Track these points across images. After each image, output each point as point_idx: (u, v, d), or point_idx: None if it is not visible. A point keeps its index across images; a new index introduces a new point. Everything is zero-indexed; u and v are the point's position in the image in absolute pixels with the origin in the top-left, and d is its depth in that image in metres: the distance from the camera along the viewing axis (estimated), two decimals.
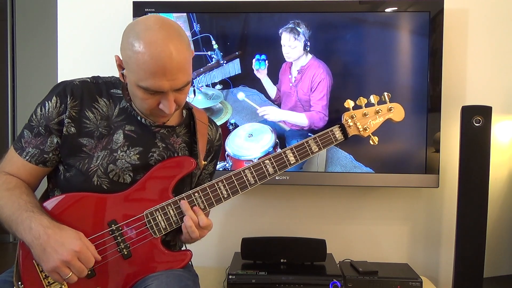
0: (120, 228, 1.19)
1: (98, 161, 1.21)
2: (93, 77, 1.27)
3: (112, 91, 1.26)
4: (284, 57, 2.01)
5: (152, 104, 1.15)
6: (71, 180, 1.21)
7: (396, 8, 2.00)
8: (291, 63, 2.02)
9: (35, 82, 3.58)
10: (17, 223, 1.10)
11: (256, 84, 2.03)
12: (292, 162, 1.28)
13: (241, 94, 2.04)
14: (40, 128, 1.20)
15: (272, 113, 2.04)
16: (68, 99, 1.20)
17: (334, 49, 2.05)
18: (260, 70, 2.02)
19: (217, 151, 1.42)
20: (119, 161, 1.22)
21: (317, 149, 1.30)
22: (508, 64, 2.15)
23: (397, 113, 1.38)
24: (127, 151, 1.23)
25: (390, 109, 1.37)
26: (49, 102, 1.20)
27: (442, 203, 2.19)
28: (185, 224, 1.19)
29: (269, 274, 1.87)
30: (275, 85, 2.03)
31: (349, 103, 1.34)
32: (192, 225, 1.19)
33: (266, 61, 2.02)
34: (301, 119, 2.03)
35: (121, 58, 1.15)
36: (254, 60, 2.02)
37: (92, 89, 1.24)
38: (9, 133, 3.68)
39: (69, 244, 1.07)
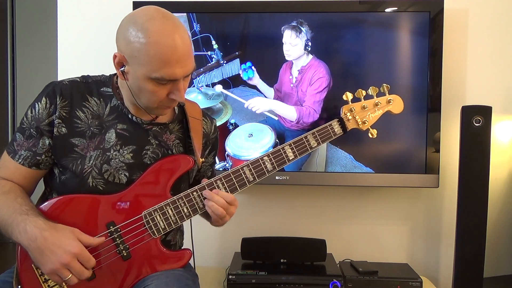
0: (119, 229, 1.18)
1: (92, 161, 1.19)
2: (82, 76, 1.26)
3: (102, 89, 1.24)
4: (284, 55, 2.01)
5: (161, 95, 1.14)
6: (66, 183, 1.20)
7: (396, 8, 2.00)
8: (292, 63, 2.02)
9: (35, 82, 3.57)
10: (12, 226, 1.09)
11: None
12: (290, 158, 1.26)
13: (218, 87, 2.03)
14: (31, 130, 1.19)
15: (258, 104, 2.01)
16: (58, 99, 1.19)
17: (334, 49, 2.05)
18: (252, 79, 2.02)
19: (214, 143, 1.41)
20: (112, 160, 1.21)
21: (315, 144, 1.28)
22: (508, 64, 2.15)
23: (396, 105, 1.36)
24: (120, 150, 1.22)
25: (389, 101, 1.35)
26: (39, 103, 1.19)
27: (442, 203, 2.19)
28: (213, 212, 1.19)
29: (269, 274, 1.87)
30: (271, 86, 2.03)
31: (348, 96, 1.32)
32: (218, 208, 1.19)
33: (252, 67, 2.01)
34: (290, 112, 2.02)
35: (123, 54, 1.13)
36: (240, 71, 2.02)
37: (82, 88, 1.22)
38: (9, 133, 3.68)
39: (67, 246, 1.06)
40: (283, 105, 2.01)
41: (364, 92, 1.32)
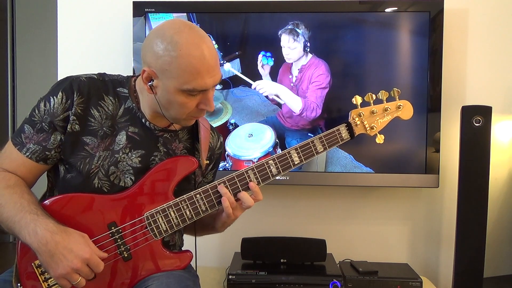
0: (120, 230, 1.17)
1: (99, 162, 1.18)
2: (99, 73, 1.24)
3: (118, 89, 1.23)
4: (284, 58, 2.02)
5: (192, 106, 1.15)
6: (71, 181, 1.19)
7: (396, 8, 2.00)
8: (291, 63, 2.02)
9: (35, 82, 3.58)
10: (20, 225, 1.07)
11: None
12: (296, 163, 1.25)
13: (227, 65, 2.01)
14: (43, 124, 1.16)
15: (266, 86, 2.01)
16: (75, 95, 1.16)
17: (334, 49, 2.05)
18: (265, 67, 2.01)
19: (217, 159, 1.41)
20: (120, 163, 1.20)
21: (322, 149, 1.26)
22: (508, 64, 2.15)
23: (406, 111, 1.32)
24: (129, 153, 1.21)
25: (398, 107, 1.31)
26: (55, 97, 1.16)
27: (442, 203, 2.19)
28: (225, 210, 1.20)
29: (269, 274, 1.87)
30: None
31: (357, 100, 1.28)
32: (228, 205, 1.19)
33: (272, 58, 2.02)
34: (295, 102, 2.01)
35: (152, 69, 1.11)
36: (260, 56, 2.01)
37: (99, 86, 1.21)
38: (9, 133, 3.67)
39: (78, 251, 1.05)
40: (290, 93, 2.01)
41: (374, 96, 1.29)
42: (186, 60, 1.08)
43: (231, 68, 2.01)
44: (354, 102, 1.29)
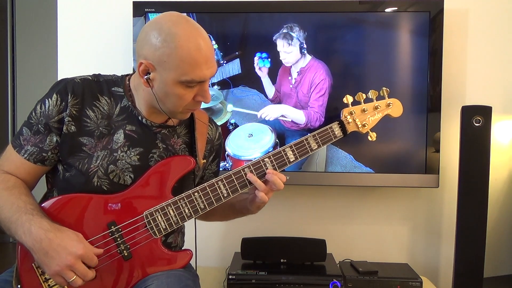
0: (120, 229, 1.17)
1: (98, 161, 1.19)
2: (94, 74, 1.26)
3: (113, 89, 1.24)
4: (283, 62, 2.02)
5: (189, 98, 1.16)
6: (70, 180, 1.20)
7: (396, 8, 2.00)
8: (290, 65, 2.02)
9: (35, 82, 3.58)
10: (16, 225, 1.09)
11: (255, 84, 2.04)
12: (291, 160, 1.26)
13: (230, 107, 2.04)
14: (39, 126, 1.18)
15: (271, 112, 2.04)
16: (69, 97, 1.18)
17: (334, 49, 2.05)
18: (263, 69, 2.02)
19: (218, 150, 1.42)
20: (119, 161, 1.21)
21: (316, 147, 1.28)
22: (508, 64, 2.15)
23: (396, 108, 1.36)
24: (128, 151, 1.22)
25: (388, 105, 1.35)
26: (49, 99, 1.18)
27: (442, 203, 2.19)
28: (257, 195, 1.22)
29: (269, 274, 1.87)
30: (273, 84, 2.03)
31: (348, 99, 1.32)
32: (261, 193, 1.21)
33: (269, 59, 2.02)
34: (299, 116, 2.03)
35: (150, 62, 1.12)
36: (256, 58, 2.02)
37: (93, 87, 1.22)
38: (9, 133, 3.68)
39: (72, 247, 1.06)
40: (293, 109, 2.03)
41: (364, 95, 1.33)
42: (185, 51, 1.09)
43: (235, 108, 2.04)
44: (345, 102, 1.33)
